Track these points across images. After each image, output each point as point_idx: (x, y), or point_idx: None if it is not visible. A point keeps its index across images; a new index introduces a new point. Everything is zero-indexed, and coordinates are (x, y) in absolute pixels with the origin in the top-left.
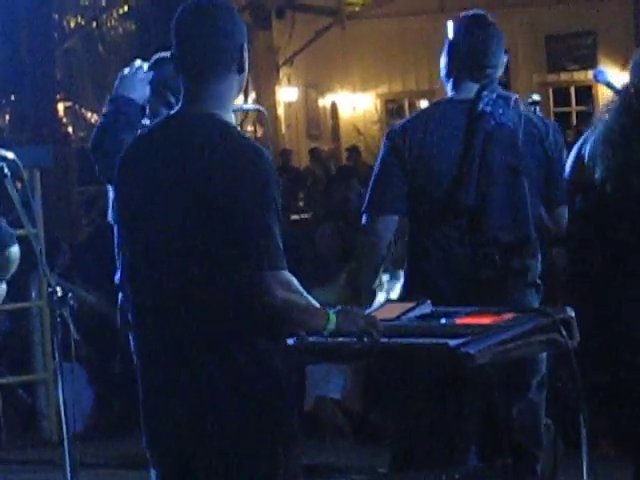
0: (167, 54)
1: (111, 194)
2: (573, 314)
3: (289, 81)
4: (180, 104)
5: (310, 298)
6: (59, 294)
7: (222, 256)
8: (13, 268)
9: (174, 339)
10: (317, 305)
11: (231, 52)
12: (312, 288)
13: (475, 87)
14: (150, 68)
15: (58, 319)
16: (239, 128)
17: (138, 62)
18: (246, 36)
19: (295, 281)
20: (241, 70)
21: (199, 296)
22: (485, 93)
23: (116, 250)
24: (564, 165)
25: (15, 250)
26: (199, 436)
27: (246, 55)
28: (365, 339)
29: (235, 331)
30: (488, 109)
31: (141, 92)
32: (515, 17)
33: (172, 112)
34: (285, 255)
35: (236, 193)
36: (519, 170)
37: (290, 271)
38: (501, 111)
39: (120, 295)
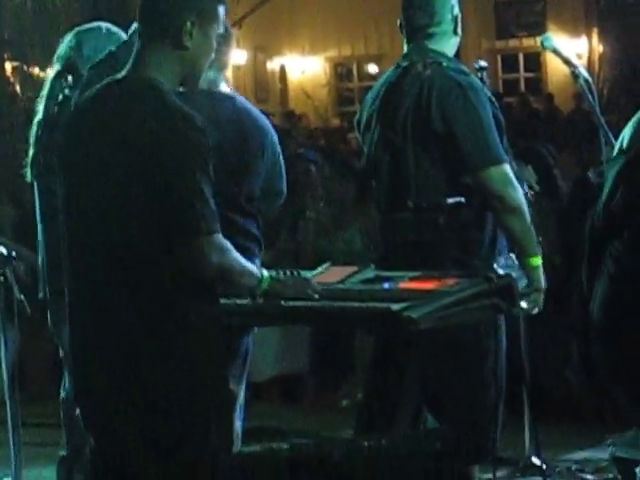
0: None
1: None
2: (515, 280)
3: (237, 44)
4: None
5: (244, 260)
6: (3, 253)
7: (157, 222)
8: None
9: (105, 305)
10: (251, 267)
11: (167, 23)
12: None
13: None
14: (91, 69)
15: (1, 279)
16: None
17: None
18: (207, 15)
19: (229, 244)
20: (176, 45)
21: (133, 261)
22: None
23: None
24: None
25: None
26: (126, 402)
27: (197, 33)
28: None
29: (166, 296)
30: (392, 79)
31: None
32: None
33: (115, 76)
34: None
35: (166, 158)
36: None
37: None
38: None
39: None
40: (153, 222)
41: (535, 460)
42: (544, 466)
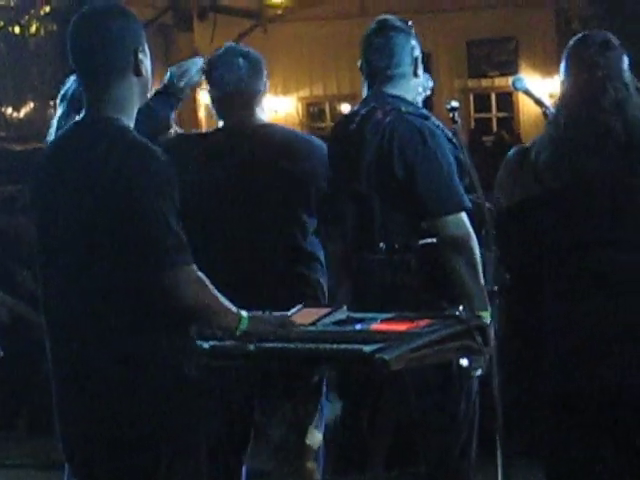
0: None
1: None
2: (488, 321)
3: None
4: (83, 112)
5: (222, 297)
6: None
7: (129, 259)
8: None
9: (81, 342)
10: (230, 305)
11: (123, 57)
12: None
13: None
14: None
15: None
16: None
17: None
18: (143, 39)
19: (204, 277)
20: (138, 73)
21: (107, 299)
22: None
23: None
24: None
25: None
26: (97, 432)
27: (144, 58)
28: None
29: (142, 332)
30: (353, 127)
31: None
32: (436, 22)
33: (75, 120)
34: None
35: (132, 195)
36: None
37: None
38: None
39: None
40: (125, 258)
41: None
42: None
